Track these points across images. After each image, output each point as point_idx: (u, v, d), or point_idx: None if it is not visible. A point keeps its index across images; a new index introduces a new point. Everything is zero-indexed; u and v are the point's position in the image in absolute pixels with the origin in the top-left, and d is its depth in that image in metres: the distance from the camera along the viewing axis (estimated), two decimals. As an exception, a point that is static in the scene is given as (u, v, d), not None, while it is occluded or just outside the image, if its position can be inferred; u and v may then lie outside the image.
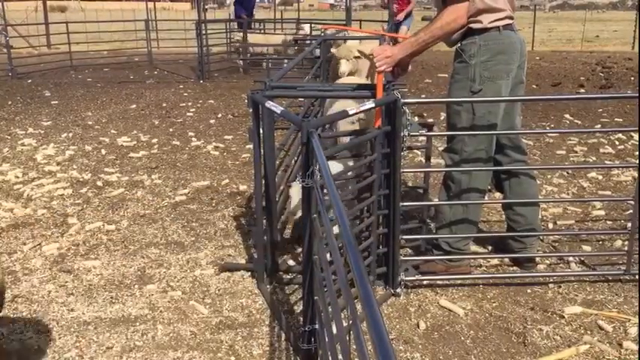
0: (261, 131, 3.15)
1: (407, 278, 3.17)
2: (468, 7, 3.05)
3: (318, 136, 2.30)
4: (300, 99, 8.00)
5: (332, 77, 5.28)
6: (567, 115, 7.79)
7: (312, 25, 13.12)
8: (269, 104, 2.89)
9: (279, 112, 2.79)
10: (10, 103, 9.06)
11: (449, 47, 3.29)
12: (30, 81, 11.43)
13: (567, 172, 5.29)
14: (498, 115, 3.16)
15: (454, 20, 3.06)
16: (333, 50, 5.38)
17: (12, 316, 2.99)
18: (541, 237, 3.81)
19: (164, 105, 8.87)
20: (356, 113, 2.78)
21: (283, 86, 3.57)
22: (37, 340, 2.77)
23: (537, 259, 3.52)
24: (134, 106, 8.81)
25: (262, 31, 14.67)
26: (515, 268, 3.49)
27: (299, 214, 3.14)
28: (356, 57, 4.92)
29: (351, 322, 1.34)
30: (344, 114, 2.75)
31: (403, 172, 3.12)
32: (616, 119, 7.60)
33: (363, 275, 1.21)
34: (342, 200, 1.69)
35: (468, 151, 3.19)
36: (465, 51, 3.12)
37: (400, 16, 10.64)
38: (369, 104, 2.83)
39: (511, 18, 3.13)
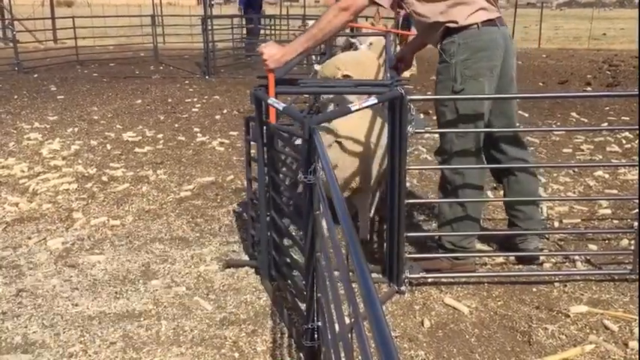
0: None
1: (411, 276, 3.16)
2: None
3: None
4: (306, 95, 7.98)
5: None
6: (574, 114, 7.75)
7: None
8: (271, 100, 2.89)
9: (281, 108, 2.78)
10: (16, 97, 9.09)
11: (435, 47, 3.27)
12: (36, 75, 11.46)
13: (573, 171, 5.26)
14: (483, 113, 3.14)
15: (335, 16, 3.00)
16: (317, 67, 4.69)
17: (17, 310, 3.00)
18: (547, 235, 3.80)
19: (169, 100, 8.87)
20: (359, 109, 2.77)
21: (284, 82, 3.55)
22: (42, 335, 2.77)
23: (543, 257, 3.51)
24: (140, 101, 8.83)
25: (272, 28, 14.66)
26: (520, 266, 3.48)
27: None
28: (344, 75, 4.26)
29: (353, 319, 1.33)
30: (346, 110, 2.74)
31: (409, 169, 3.11)
32: (623, 117, 7.56)
33: (365, 273, 1.20)
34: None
35: (456, 151, 3.18)
36: (445, 51, 3.10)
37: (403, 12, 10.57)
38: (372, 100, 2.81)
39: (486, 10, 3.06)
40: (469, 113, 3.11)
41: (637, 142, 6.22)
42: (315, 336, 2.45)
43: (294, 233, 3.11)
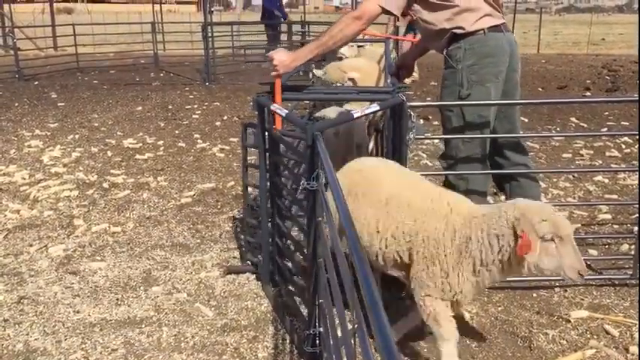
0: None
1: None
2: (375, 10, 2.98)
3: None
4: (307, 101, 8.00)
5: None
6: (573, 119, 7.77)
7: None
8: (274, 107, 2.90)
9: (284, 114, 2.79)
10: (16, 104, 9.10)
11: (440, 52, 3.28)
12: (36, 83, 11.48)
13: (573, 176, 5.27)
14: (489, 119, 3.15)
15: (347, 25, 3.00)
16: (317, 72, 4.54)
17: (18, 317, 3.00)
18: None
19: (170, 107, 8.89)
20: (361, 116, 2.78)
21: (289, 88, 3.57)
22: (43, 342, 2.78)
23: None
24: (140, 108, 8.84)
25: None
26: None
27: None
28: (350, 79, 4.22)
29: (356, 325, 1.34)
30: (349, 116, 2.75)
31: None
32: (622, 122, 7.58)
33: (369, 279, 1.21)
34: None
35: (462, 157, 3.18)
36: (451, 56, 3.10)
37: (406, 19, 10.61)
38: (374, 107, 2.82)
39: (491, 16, 3.07)
40: (475, 119, 3.11)
41: (636, 146, 6.24)
42: (317, 342, 2.46)
43: (296, 239, 3.11)
